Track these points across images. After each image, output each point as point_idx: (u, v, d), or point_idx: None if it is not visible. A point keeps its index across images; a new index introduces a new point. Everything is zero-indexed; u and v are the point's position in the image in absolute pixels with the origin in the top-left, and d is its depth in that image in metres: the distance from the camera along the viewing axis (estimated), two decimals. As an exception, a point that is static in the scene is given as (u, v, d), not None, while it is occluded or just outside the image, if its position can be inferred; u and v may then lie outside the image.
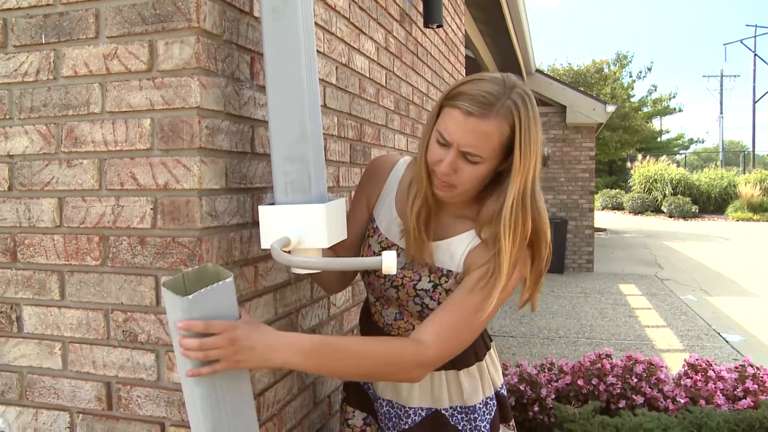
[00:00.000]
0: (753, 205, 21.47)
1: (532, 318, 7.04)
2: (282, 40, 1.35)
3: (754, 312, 7.46)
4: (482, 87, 1.30)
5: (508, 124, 1.29)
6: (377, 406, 1.62)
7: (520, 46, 8.23)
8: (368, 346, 1.34)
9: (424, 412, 1.54)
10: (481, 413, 1.55)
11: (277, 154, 1.38)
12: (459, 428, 1.53)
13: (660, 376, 3.63)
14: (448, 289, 1.44)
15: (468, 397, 1.54)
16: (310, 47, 1.39)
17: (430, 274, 1.46)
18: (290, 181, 1.37)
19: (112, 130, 1.38)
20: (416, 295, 1.47)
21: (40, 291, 1.46)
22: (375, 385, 1.62)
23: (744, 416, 2.93)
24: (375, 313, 1.61)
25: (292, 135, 1.36)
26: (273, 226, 1.37)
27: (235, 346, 1.17)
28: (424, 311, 1.47)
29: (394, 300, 1.52)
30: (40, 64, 1.42)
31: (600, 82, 24.01)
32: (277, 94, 1.36)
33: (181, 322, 1.15)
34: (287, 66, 1.35)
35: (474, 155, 1.31)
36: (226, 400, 1.21)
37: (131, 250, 1.39)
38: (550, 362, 3.98)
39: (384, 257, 1.18)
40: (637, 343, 5.97)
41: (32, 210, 1.45)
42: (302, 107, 1.36)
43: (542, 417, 3.53)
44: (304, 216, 1.36)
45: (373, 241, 1.56)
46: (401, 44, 2.93)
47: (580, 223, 10.63)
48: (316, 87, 1.41)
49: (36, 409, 1.49)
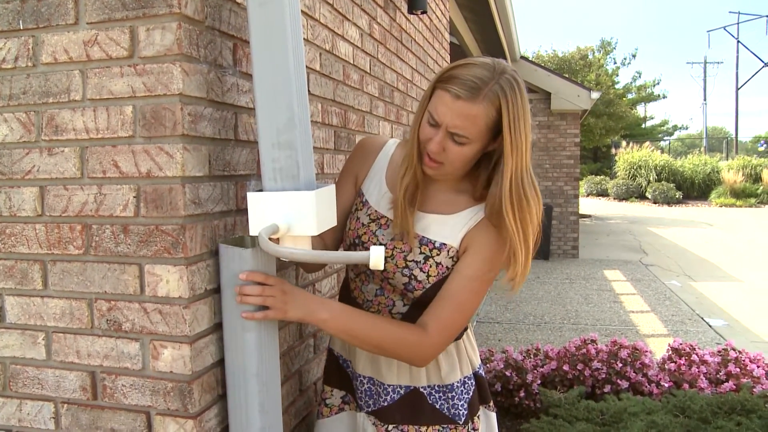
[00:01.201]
0: (736, 191, 21.67)
1: (518, 304, 7.08)
2: (269, 26, 1.33)
3: (737, 297, 7.54)
4: (472, 72, 1.37)
5: (494, 108, 1.36)
6: (357, 383, 1.63)
7: (504, 33, 8.21)
8: (383, 322, 1.45)
9: (402, 389, 1.57)
10: (459, 392, 1.57)
11: (265, 141, 1.37)
12: (436, 407, 1.55)
13: (644, 361, 3.67)
14: (439, 262, 1.48)
15: (445, 376, 1.57)
16: (297, 32, 1.38)
17: (420, 246, 1.50)
18: (279, 167, 1.37)
19: (94, 118, 1.36)
20: (405, 266, 1.50)
21: (23, 281, 1.45)
22: (356, 363, 1.63)
23: (726, 399, 2.96)
24: (354, 289, 1.62)
25: (281, 121, 1.35)
26: (261, 213, 1.36)
27: (286, 297, 1.38)
28: (410, 283, 1.50)
29: (377, 274, 1.54)
30: (18, 50, 1.39)
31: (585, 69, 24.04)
32: (264, 80, 1.35)
33: (243, 272, 1.36)
34: (274, 52, 1.34)
35: (461, 136, 1.38)
36: (267, 347, 1.42)
37: (114, 239, 1.37)
38: (535, 348, 4.01)
39: (372, 252, 1.25)
40: (622, 328, 6.03)
41: (13, 199, 1.43)
42: (290, 93, 1.35)
43: (528, 402, 3.56)
44: (293, 203, 1.35)
45: (361, 213, 1.59)
46: (385, 30, 2.91)
47: (565, 210, 10.68)
48: (303, 72, 1.40)
49: (20, 399, 1.48)
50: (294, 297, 1.40)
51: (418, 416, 1.55)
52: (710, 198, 22.14)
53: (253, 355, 1.40)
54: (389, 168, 1.60)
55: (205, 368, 1.40)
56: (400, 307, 1.54)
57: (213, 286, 1.43)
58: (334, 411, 1.69)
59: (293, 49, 1.35)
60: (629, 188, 23.12)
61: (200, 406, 1.38)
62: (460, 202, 1.52)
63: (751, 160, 23.50)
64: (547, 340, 5.58)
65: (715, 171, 23.23)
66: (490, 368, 3.70)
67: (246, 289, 1.36)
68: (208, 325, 1.41)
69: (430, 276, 1.49)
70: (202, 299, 1.38)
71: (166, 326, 1.35)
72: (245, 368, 1.40)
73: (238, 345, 1.40)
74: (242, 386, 1.41)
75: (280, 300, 1.37)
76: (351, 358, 1.66)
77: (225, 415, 1.48)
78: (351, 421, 1.68)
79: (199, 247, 1.37)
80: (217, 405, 1.45)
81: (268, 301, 1.36)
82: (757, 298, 7.49)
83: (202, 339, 1.39)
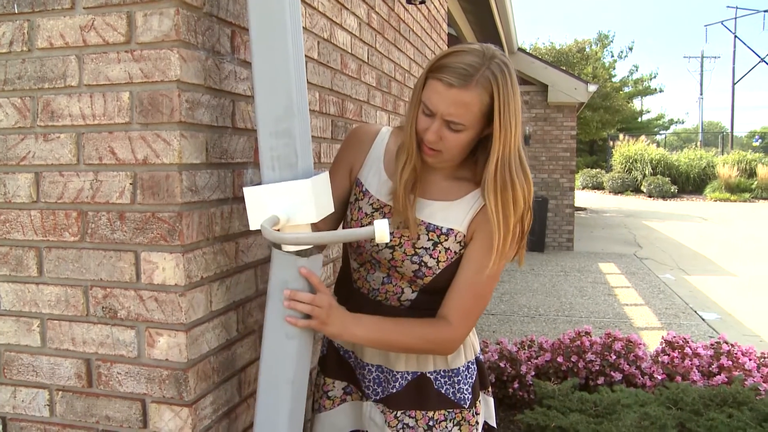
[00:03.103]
0: (731, 186, 21.70)
1: (513, 296, 7.10)
2: (268, 12, 1.32)
3: (730, 291, 7.57)
4: (462, 59, 1.38)
5: (487, 93, 1.38)
6: (365, 372, 1.63)
7: (502, 25, 8.20)
8: (410, 324, 1.48)
9: (410, 375, 1.57)
10: (464, 376, 1.59)
11: (263, 129, 1.36)
12: (442, 392, 1.57)
13: (638, 353, 3.68)
14: (447, 247, 1.50)
15: (451, 361, 1.58)
16: (296, 19, 1.37)
17: (428, 232, 1.51)
18: (277, 156, 1.36)
19: (90, 104, 1.35)
20: (414, 253, 1.50)
21: (17, 267, 1.44)
22: (362, 352, 1.63)
23: (718, 391, 2.98)
24: (358, 279, 1.61)
25: (279, 109, 1.34)
26: (260, 205, 1.35)
27: (330, 311, 1.41)
28: (420, 270, 1.50)
29: (385, 262, 1.54)
30: (13, 35, 1.38)
31: (582, 62, 24.02)
32: (263, 67, 1.34)
33: (304, 269, 1.39)
34: (274, 38, 1.33)
35: (457, 123, 1.39)
36: (304, 357, 1.46)
37: (110, 226, 1.37)
38: (530, 340, 4.02)
39: (376, 226, 1.24)
40: (616, 321, 6.05)
41: (8, 185, 1.43)
42: (289, 81, 1.34)
43: (522, 393, 3.57)
44: (291, 193, 1.34)
45: (363, 203, 1.58)
46: (383, 20, 2.90)
47: (561, 202, 10.69)
48: (302, 60, 1.39)
49: (14, 386, 1.47)
50: (335, 312, 1.43)
51: (425, 401, 1.56)
52: (705, 192, 22.17)
53: (292, 363, 1.42)
54: (386, 156, 1.60)
55: (200, 356, 1.39)
56: (408, 294, 1.54)
57: (209, 273, 1.42)
58: (336, 403, 1.68)
59: (292, 36, 1.34)
60: (625, 182, 23.14)
61: (196, 394, 1.37)
62: (462, 188, 1.53)
63: (746, 155, 23.51)
64: (541, 332, 5.59)
65: (711, 165, 23.25)
66: (485, 359, 3.71)
67: (299, 296, 1.38)
68: (205, 313, 1.41)
69: (440, 262, 1.50)
70: (199, 287, 1.38)
71: (161, 314, 1.35)
72: (282, 374, 1.42)
73: (279, 350, 1.42)
74: (275, 391, 1.43)
75: (325, 313, 1.40)
76: (354, 348, 1.66)
77: (221, 404, 1.48)
78: (354, 411, 1.67)
79: (195, 234, 1.36)
80: (213, 393, 1.45)
81: (315, 312, 1.39)
82: (750, 292, 7.53)
83: (198, 327, 1.38)
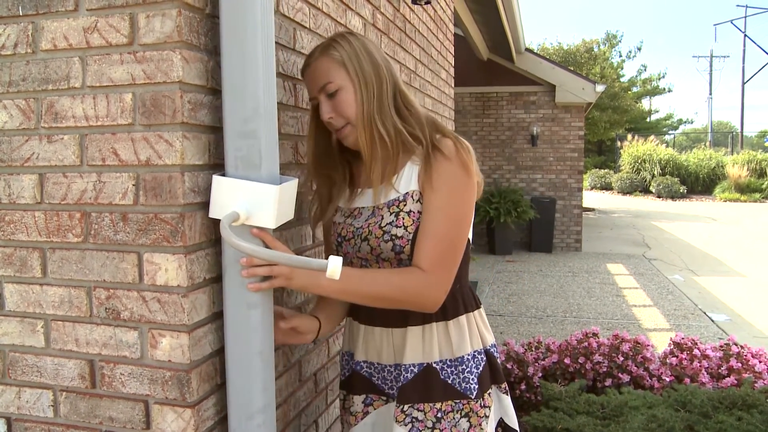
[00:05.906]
0: (740, 186, 21.59)
1: (520, 297, 7.08)
2: (238, 12, 1.32)
3: (740, 292, 7.53)
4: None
5: (332, 49, 1.54)
6: (385, 374, 1.65)
7: (509, 25, 8.18)
8: (383, 273, 1.51)
9: (416, 367, 1.58)
10: (469, 365, 1.59)
11: (230, 129, 1.37)
12: (449, 382, 1.58)
13: (646, 355, 3.66)
14: (409, 210, 1.54)
15: (456, 348, 1.59)
16: (268, 21, 1.37)
17: (388, 208, 1.55)
18: (241, 156, 1.37)
19: (93, 105, 1.36)
20: (384, 232, 1.54)
21: (22, 268, 1.44)
22: (379, 355, 1.64)
23: (727, 394, 2.96)
24: None
25: (247, 111, 1.35)
26: (223, 197, 1.36)
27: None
28: (395, 244, 1.53)
29: (369, 256, 1.57)
30: (18, 37, 1.39)
31: (590, 62, 23.91)
32: (232, 68, 1.35)
33: (255, 229, 1.38)
34: (244, 39, 1.33)
35: (328, 84, 1.53)
36: (268, 326, 1.44)
37: (113, 227, 1.37)
38: (537, 341, 4.01)
39: (330, 262, 1.25)
40: (624, 322, 6.02)
41: (12, 186, 1.43)
42: (257, 82, 1.35)
43: (529, 395, 3.55)
44: (255, 193, 1.35)
45: (337, 217, 1.68)
46: (389, 21, 2.90)
47: (569, 203, 10.66)
48: (272, 62, 1.40)
49: (19, 387, 1.48)
50: None
51: (431, 393, 1.57)
52: (714, 193, 22.06)
53: (257, 333, 1.41)
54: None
55: (203, 357, 1.39)
56: None
57: (212, 275, 1.42)
58: (359, 417, 1.70)
59: (263, 38, 1.35)
60: (633, 182, 23.06)
61: (198, 395, 1.37)
62: (398, 163, 1.58)
63: (756, 154, 23.35)
64: (548, 333, 5.58)
65: (720, 165, 23.13)
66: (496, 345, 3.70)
67: (254, 260, 1.37)
68: (207, 314, 1.40)
69: (407, 227, 1.53)
70: (201, 288, 1.38)
71: (164, 315, 1.35)
72: (249, 346, 1.41)
73: (243, 323, 1.40)
74: (246, 365, 1.41)
75: (287, 268, 1.40)
76: (374, 359, 1.67)
77: (223, 405, 1.47)
78: (380, 417, 1.69)
79: (198, 235, 1.36)
80: (216, 394, 1.45)
81: (275, 270, 1.39)
82: (761, 293, 7.48)
83: (201, 328, 1.38)
